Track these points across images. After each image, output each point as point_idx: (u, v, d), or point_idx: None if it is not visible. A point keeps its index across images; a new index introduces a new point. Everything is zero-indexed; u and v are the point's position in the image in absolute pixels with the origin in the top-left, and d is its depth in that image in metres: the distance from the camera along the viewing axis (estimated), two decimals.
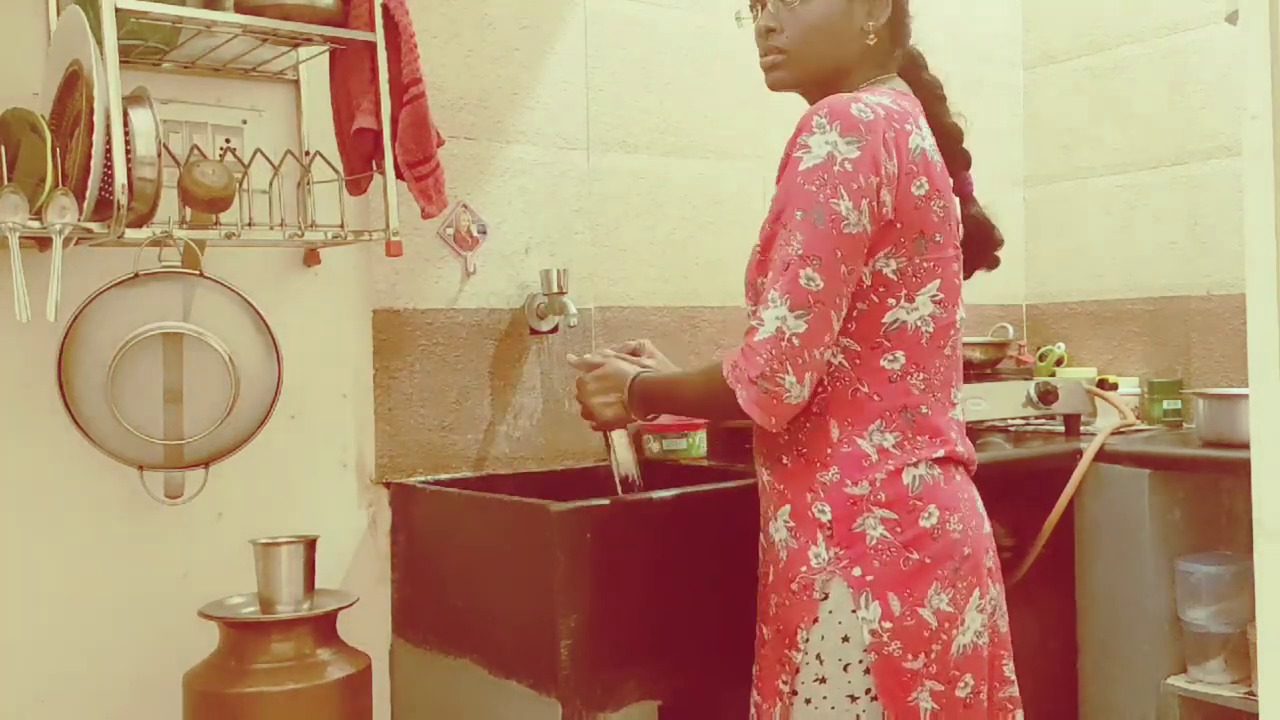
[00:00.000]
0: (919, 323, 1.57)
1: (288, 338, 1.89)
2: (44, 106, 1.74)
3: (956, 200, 1.66)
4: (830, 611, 1.54)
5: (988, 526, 1.66)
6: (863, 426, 1.56)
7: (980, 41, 3.12)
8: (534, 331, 2.30)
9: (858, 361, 1.56)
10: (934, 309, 1.58)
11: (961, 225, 1.68)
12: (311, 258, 2.09)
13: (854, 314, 1.55)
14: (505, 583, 1.86)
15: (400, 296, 2.18)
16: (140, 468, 1.82)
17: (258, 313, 1.85)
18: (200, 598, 1.88)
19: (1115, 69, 2.99)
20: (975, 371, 2.67)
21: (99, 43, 1.59)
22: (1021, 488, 2.34)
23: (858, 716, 1.53)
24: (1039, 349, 3.02)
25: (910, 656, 1.52)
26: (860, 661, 1.53)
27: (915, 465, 1.56)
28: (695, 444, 2.39)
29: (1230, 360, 2.74)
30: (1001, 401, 2.55)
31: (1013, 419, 2.68)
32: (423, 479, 2.18)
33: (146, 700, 1.93)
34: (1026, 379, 2.65)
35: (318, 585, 1.88)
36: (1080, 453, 2.37)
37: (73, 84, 1.68)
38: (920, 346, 1.58)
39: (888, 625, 1.52)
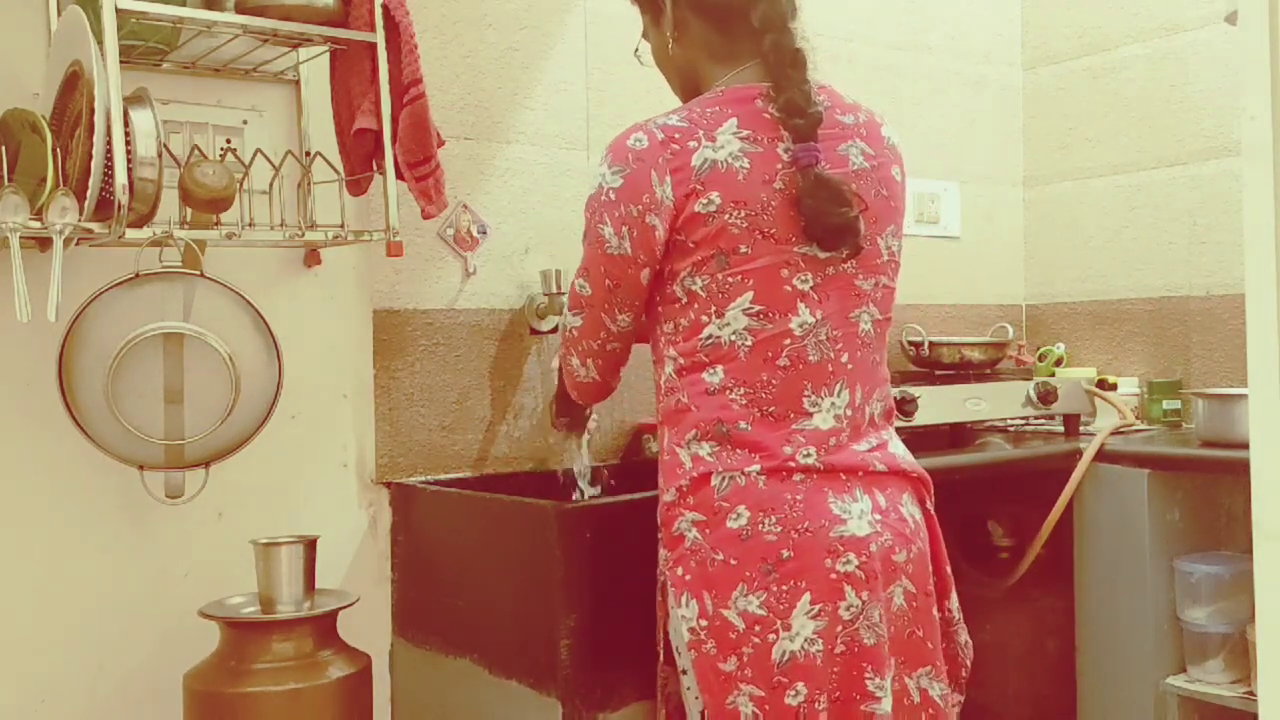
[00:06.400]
0: (733, 337, 1.56)
1: (288, 338, 1.89)
2: (44, 107, 1.74)
3: (778, 189, 1.54)
4: (670, 609, 1.59)
5: (850, 529, 1.54)
6: (683, 435, 1.59)
7: (980, 41, 3.12)
8: (534, 331, 2.31)
9: (683, 374, 1.59)
10: (749, 322, 1.55)
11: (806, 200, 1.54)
12: (312, 258, 2.09)
13: (679, 328, 1.59)
14: (505, 583, 1.87)
15: (400, 297, 2.18)
16: (140, 468, 1.82)
17: (258, 313, 1.85)
18: (200, 598, 1.88)
19: (1115, 69, 2.99)
20: (975, 371, 2.67)
21: (99, 43, 1.60)
22: (1021, 488, 2.34)
23: (702, 714, 1.57)
24: (1039, 349, 3.02)
25: (723, 658, 1.53)
26: (687, 656, 1.57)
27: (730, 470, 1.55)
28: None
29: (1230, 360, 2.74)
30: (1001, 401, 2.55)
31: (1012, 419, 2.68)
32: (423, 479, 2.18)
33: (146, 700, 1.93)
34: (1026, 379, 2.65)
35: (318, 585, 1.88)
36: (1080, 453, 2.37)
37: (73, 84, 1.68)
38: (739, 361, 1.56)
39: (703, 624, 1.54)
